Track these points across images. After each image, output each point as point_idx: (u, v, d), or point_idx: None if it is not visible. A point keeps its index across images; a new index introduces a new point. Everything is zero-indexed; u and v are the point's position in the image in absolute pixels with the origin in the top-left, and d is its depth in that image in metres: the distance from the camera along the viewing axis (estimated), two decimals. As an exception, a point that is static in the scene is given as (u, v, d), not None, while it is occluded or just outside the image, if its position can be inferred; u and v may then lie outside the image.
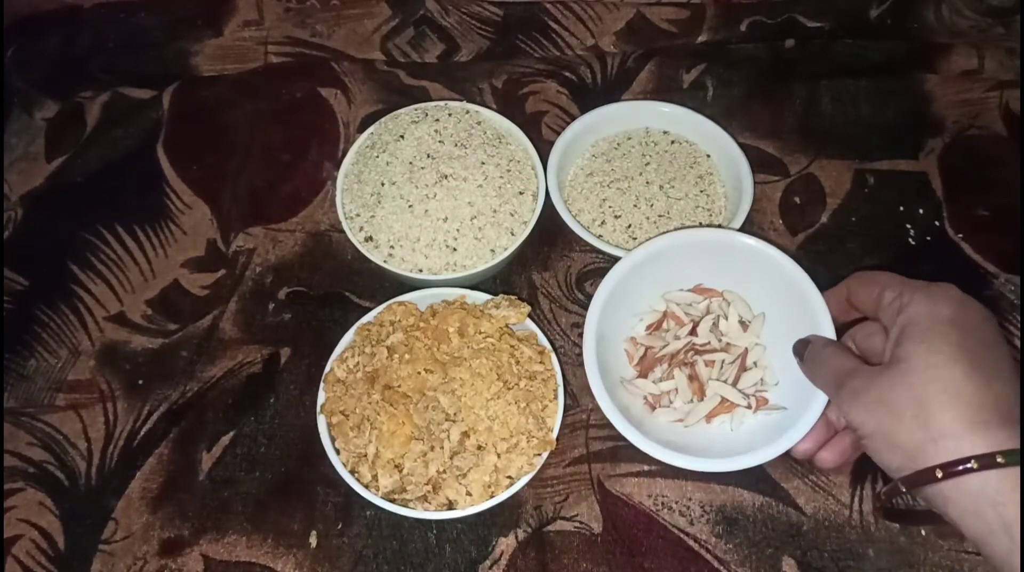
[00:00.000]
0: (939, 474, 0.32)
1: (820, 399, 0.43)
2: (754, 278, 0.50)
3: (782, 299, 0.48)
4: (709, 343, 0.50)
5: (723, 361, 0.49)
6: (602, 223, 0.60)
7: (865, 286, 0.42)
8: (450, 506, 0.46)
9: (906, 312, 0.37)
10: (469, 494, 0.46)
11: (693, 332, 0.50)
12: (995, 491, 0.31)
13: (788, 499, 0.49)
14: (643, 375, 0.50)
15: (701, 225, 0.59)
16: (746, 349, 0.50)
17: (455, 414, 0.48)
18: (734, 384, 0.49)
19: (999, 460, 0.31)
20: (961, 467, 0.32)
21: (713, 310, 0.51)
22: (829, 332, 0.45)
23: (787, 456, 0.44)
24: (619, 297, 0.50)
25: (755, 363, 0.50)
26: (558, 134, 0.62)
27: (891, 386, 0.35)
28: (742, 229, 0.57)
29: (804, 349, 0.44)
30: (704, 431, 0.48)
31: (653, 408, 0.49)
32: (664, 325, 0.52)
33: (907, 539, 0.47)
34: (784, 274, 0.48)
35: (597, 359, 0.47)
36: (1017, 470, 0.31)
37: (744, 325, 0.51)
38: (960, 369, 0.34)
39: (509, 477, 0.47)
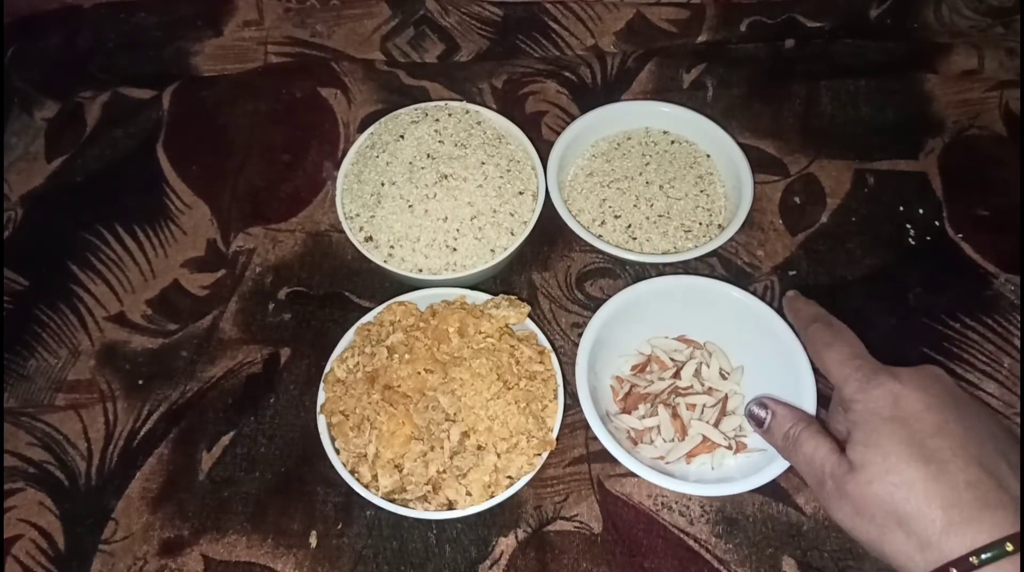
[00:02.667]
0: None
1: None
2: (738, 328, 0.51)
3: (765, 350, 0.49)
4: (692, 387, 0.51)
5: (704, 404, 0.50)
6: (602, 223, 0.60)
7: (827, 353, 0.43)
8: (450, 506, 0.46)
9: (852, 410, 0.39)
10: (469, 494, 0.46)
11: (676, 376, 0.51)
12: None
13: (788, 499, 0.49)
14: (627, 412, 0.51)
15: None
16: (726, 395, 0.50)
17: (455, 414, 0.48)
18: (715, 427, 0.49)
19: (972, 560, 0.33)
20: None
21: (696, 357, 0.52)
22: (810, 388, 0.46)
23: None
24: (608, 335, 0.51)
25: (734, 411, 0.50)
26: (558, 134, 0.62)
27: (862, 497, 0.37)
28: (741, 230, 0.57)
29: (763, 416, 0.44)
30: (684, 470, 0.49)
31: (636, 443, 0.50)
32: (648, 368, 0.53)
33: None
34: (768, 327, 0.49)
35: (590, 392, 0.48)
36: (993, 568, 0.33)
37: (724, 376, 0.52)
38: (916, 469, 0.35)
39: (509, 477, 0.47)
